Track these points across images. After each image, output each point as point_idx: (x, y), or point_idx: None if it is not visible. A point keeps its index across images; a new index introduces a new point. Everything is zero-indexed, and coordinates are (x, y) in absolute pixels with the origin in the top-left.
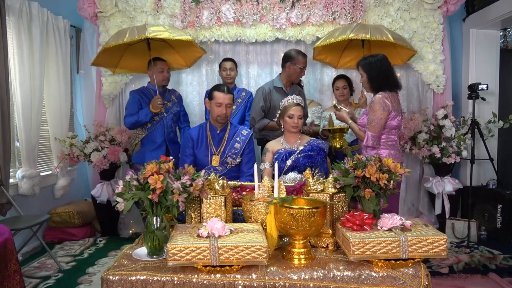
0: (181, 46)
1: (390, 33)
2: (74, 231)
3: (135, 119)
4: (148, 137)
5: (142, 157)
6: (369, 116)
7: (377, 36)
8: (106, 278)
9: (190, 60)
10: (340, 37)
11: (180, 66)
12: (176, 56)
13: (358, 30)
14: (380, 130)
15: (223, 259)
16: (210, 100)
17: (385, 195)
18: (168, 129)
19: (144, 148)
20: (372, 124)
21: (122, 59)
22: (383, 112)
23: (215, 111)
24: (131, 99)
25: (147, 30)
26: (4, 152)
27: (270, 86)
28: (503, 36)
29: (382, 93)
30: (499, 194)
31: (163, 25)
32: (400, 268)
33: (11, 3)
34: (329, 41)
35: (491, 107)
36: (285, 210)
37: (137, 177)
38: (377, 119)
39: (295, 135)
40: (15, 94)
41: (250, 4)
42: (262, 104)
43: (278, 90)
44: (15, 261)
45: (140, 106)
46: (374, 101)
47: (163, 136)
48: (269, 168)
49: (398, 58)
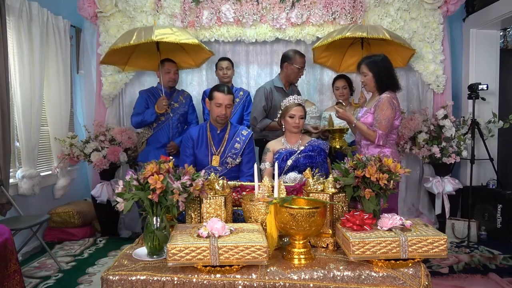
0: (191, 47)
1: (388, 32)
2: (74, 231)
3: (141, 119)
4: (154, 136)
5: (146, 156)
6: (377, 115)
7: (374, 34)
8: (106, 278)
9: (199, 60)
10: (337, 36)
11: (189, 65)
12: (185, 56)
13: (355, 29)
14: (389, 129)
15: (223, 259)
16: (210, 100)
17: (385, 195)
18: (174, 130)
19: (149, 147)
20: (382, 123)
21: (132, 57)
22: (392, 111)
23: (214, 112)
24: (139, 98)
25: (154, 33)
26: (4, 152)
27: (271, 85)
28: (503, 36)
29: (389, 93)
30: (499, 194)
31: (171, 27)
32: (400, 268)
33: (11, 3)
34: (327, 41)
35: (491, 107)
36: (285, 210)
37: (137, 177)
38: (387, 118)
39: (296, 135)
40: (15, 94)
41: (250, 4)
42: (264, 104)
43: (279, 90)
44: (15, 261)
45: (147, 106)
46: (382, 100)
47: (168, 136)
48: (269, 168)
49: (398, 60)
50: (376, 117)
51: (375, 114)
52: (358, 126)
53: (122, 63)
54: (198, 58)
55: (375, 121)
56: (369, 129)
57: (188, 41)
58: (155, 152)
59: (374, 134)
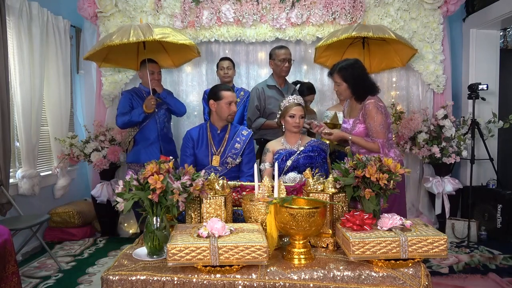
0: (174, 48)
1: (392, 32)
2: (74, 231)
3: (128, 119)
4: (141, 133)
5: (137, 156)
6: (369, 125)
7: (380, 34)
8: (106, 278)
9: (179, 61)
10: (343, 35)
11: (168, 65)
12: (165, 55)
13: (360, 29)
14: (386, 134)
15: (223, 259)
16: (216, 100)
17: (385, 195)
18: (161, 125)
19: (138, 146)
20: (377, 130)
21: (109, 53)
22: (382, 115)
23: (225, 111)
24: (123, 98)
25: (153, 32)
26: (4, 152)
27: (263, 85)
28: (503, 36)
29: (371, 98)
30: (499, 194)
31: (167, 27)
32: (400, 268)
33: (11, 3)
34: (331, 40)
35: (491, 107)
36: (285, 210)
37: (137, 177)
38: (381, 125)
39: (296, 135)
40: (15, 94)
41: (250, 4)
42: (256, 104)
43: (272, 88)
44: (14, 262)
45: (131, 106)
46: (368, 108)
47: (156, 131)
48: (269, 168)
49: (397, 60)
50: (370, 127)
51: (367, 124)
52: (355, 141)
53: (99, 59)
54: (180, 58)
55: (370, 131)
56: (367, 142)
57: (185, 41)
58: (146, 151)
59: (376, 146)
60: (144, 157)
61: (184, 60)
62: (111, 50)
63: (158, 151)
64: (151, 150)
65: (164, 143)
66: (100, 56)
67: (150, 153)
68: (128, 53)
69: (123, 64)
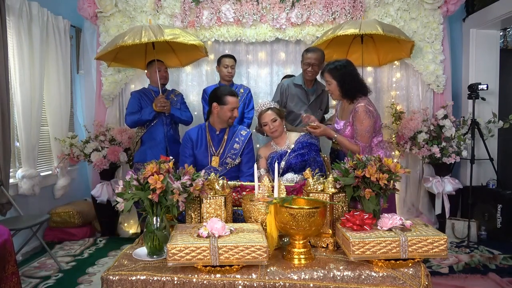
0: (182, 48)
1: (382, 26)
2: (74, 231)
3: (138, 117)
4: (148, 134)
5: (144, 156)
6: (356, 128)
7: (367, 30)
8: (106, 278)
9: (186, 60)
10: (331, 35)
11: (175, 65)
12: (172, 55)
13: (349, 26)
14: (370, 139)
15: (223, 259)
16: (220, 104)
17: (385, 195)
18: (168, 126)
19: (144, 146)
20: (362, 134)
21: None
22: (370, 120)
23: (227, 115)
24: (132, 99)
25: (164, 32)
26: (4, 152)
27: (290, 82)
28: (503, 36)
29: (362, 100)
30: (499, 194)
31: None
32: (400, 268)
33: (11, 3)
34: (321, 40)
35: (491, 107)
36: (285, 210)
37: (137, 177)
38: (366, 129)
39: (282, 136)
40: (15, 94)
41: (250, 4)
42: (278, 99)
43: (297, 87)
44: (13, 263)
45: (140, 106)
46: (358, 112)
47: (163, 132)
48: (265, 174)
49: (402, 52)
50: (356, 129)
51: (354, 126)
52: (340, 141)
53: (109, 59)
54: (187, 58)
55: (355, 133)
56: (351, 143)
57: (195, 42)
58: (152, 151)
59: (357, 148)
60: (150, 157)
61: (191, 60)
62: (120, 50)
63: (164, 152)
64: (157, 151)
65: (170, 144)
66: (110, 56)
67: (155, 153)
68: (136, 53)
69: (131, 63)
